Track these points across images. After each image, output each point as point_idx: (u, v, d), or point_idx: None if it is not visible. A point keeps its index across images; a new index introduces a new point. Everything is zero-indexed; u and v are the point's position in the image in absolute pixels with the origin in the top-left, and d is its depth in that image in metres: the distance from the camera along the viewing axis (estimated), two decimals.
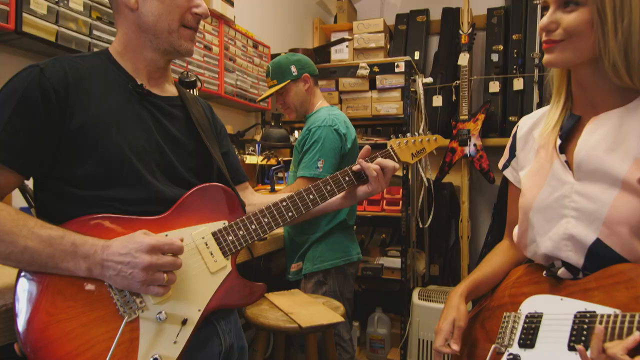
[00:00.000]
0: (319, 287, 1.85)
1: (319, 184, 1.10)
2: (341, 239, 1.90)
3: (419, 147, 1.24)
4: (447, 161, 3.36)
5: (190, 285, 0.94)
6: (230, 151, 1.27)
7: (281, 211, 1.05)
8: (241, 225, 1.01)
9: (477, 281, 1.11)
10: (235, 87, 2.50)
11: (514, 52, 3.32)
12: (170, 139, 1.06)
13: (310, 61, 2.00)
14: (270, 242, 1.85)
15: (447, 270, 3.50)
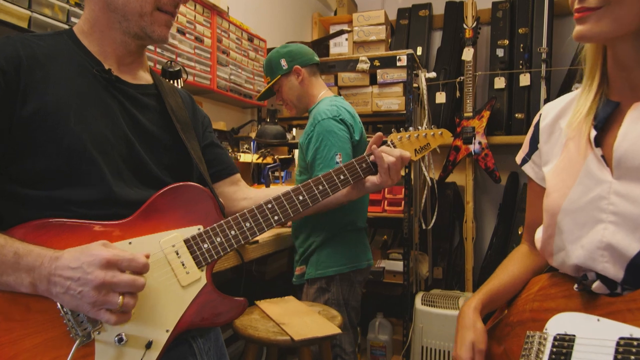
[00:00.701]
0: (321, 294, 1.69)
1: (331, 174, 0.99)
2: (348, 243, 1.72)
3: (422, 143, 1.10)
4: (451, 160, 3.21)
5: (157, 301, 0.79)
6: (215, 142, 1.12)
7: (265, 215, 0.90)
8: (219, 231, 0.86)
9: (493, 292, 0.96)
10: (229, 81, 2.35)
11: (520, 46, 3.16)
12: (141, 131, 0.91)
13: (303, 50, 1.80)
14: (263, 245, 1.71)
15: (450, 273, 3.35)
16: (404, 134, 1.08)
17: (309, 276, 1.71)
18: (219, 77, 2.28)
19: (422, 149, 1.10)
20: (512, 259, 1.03)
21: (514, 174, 3.37)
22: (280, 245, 1.86)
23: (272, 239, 1.78)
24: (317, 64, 1.83)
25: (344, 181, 0.99)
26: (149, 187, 0.88)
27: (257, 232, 0.89)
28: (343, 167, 1.00)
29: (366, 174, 1.04)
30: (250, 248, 1.60)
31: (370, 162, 1.03)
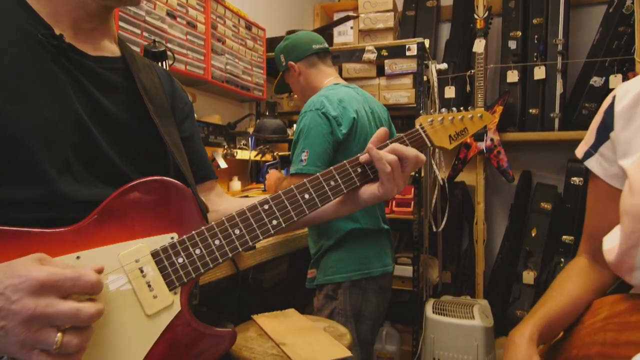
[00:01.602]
0: (328, 301, 1.53)
1: (319, 179, 0.75)
2: (362, 245, 1.55)
3: (459, 127, 0.89)
4: (461, 158, 2.99)
5: (113, 336, 0.58)
6: (194, 137, 0.91)
7: (261, 219, 0.70)
8: (199, 240, 0.65)
9: (551, 318, 0.75)
10: (225, 72, 2.14)
11: (534, 37, 2.95)
12: (100, 114, 0.71)
13: (298, 43, 1.69)
14: (261, 251, 1.50)
15: (460, 277, 3.14)
16: (436, 117, 0.88)
17: (318, 281, 1.56)
18: (214, 67, 2.07)
19: (458, 136, 0.89)
20: (569, 275, 0.82)
21: (527, 172, 3.16)
22: (280, 250, 1.65)
23: (272, 243, 1.57)
24: (318, 52, 1.68)
25: (335, 189, 0.76)
26: (109, 185, 0.67)
27: (250, 242, 0.68)
28: (333, 171, 0.76)
29: (363, 181, 0.79)
30: (246, 255, 1.40)
31: (365, 166, 0.79)
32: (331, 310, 1.53)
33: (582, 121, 2.84)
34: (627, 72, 2.71)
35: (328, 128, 1.46)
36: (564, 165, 2.97)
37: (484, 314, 2.23)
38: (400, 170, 0.79)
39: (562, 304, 0.76)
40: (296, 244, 1.79)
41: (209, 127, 1.90)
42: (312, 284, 1.61)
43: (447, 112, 0.90)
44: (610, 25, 2.82)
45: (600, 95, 2.79)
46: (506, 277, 3.02)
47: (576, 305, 0.76)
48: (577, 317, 0.76)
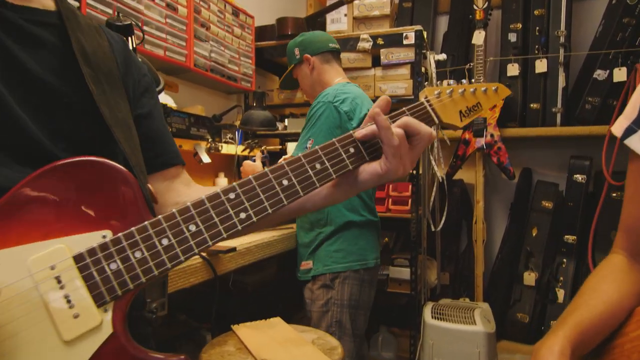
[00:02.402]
0: (324, 291, 1.53)
1: (300, 160, 0.59)
2: (361, 237, 1.58)
3: (470, 102, 0.73)
4: (460, 154, 2.84)
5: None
6: (154, 114, 0.75)
7: (225, 210, 0.53)
8: (140, 239, 0.49)
9: (585, 328, 0.60)
10: (209, 60, 1.98)
11: (535, 29, 2.81)
12: (21, 78, 0.55)
13: (316, 38, 1.71)
14: (243, 254, 1.34)
15: (458, 278, 2.99)
16: (444, 89, 0.72)
17: (316, 272, 1.54)
18: (197, 54, 1.90)
19: (471, 112, 0.73)
20: (603, 277, 0.67)
21: (527, 170, 3.02)
22: (266, 251, 1.49)
23: (256, 244, 1.41)
24: (333, 50, 1.72)
25: (321, 174, 0.60)
26: (25, 166, 0.51)
27: (209, 241, 0.52)
28: (319, 151, 0.61)
29: (357, 164, 0.63)
30: (225, 258, 1.23)
31: (360, 146, 0.63)
32: (326, 301, 1.52)
33: (585, 116, 2.70)
34: (632, 65, 2.57)
35: (337, 121, 1.50)
36: (566, 162, 2.83)
37: (486, 318, 2.08)
38: (408, 147, 0.63)
39: (597, 312, 0.61)
40: (285, 244, 1.63)
41: (191, 118, 1.73)
42: (307, 275, 1.57)
43: (457, 84, 0.75)
44: (614, 17, 2.68)
45: (604, 89, 2.65)
46: (506, 279, 2.87)
47: (614, 312, 0.61)
48: (616, 327, 0.61)
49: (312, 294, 1.56)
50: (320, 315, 1.53)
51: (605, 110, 2.65)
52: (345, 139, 0.63)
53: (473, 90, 0.74)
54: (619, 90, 2.57)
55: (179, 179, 0.78)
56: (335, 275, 1.53)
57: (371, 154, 0.63)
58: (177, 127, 1.67)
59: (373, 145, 0.63)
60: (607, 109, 2.64)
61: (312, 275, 1.56)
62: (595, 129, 2.63)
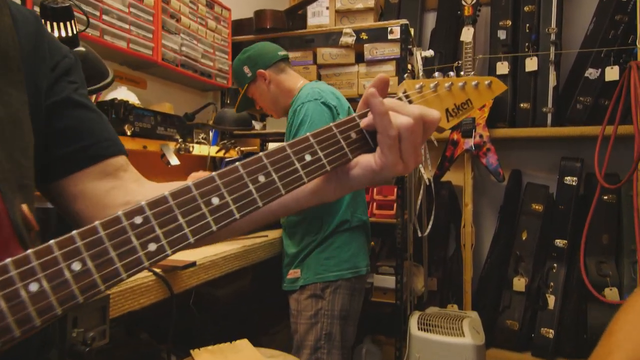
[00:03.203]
0: (313, 302, 1.43)
1: (285, 151, 0.47)
2: (353, 242, 1.48)
3: (459, 98, 0.60)
4: (448, 156, 2.72)
5: None
6: (75, 100, 0.59)
7: (127, 242, 0.39)
8: (20, 278, 0.34)
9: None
10: (180, 54, 1.82)
11: (525, 26, 2.70)
12: None
13: (263, 51, 1.59)
14: (207, 267, 1.19)
15: (446, 284, 2.87)
16: (427, 82, 0.58)
17: (306, 281, 1.42)
18: (166, 48, 1.75)
19: (459, 110, 0.60)
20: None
21: (517, 171, 2.90)
22: (235, 264, 1.34)
23: (223, 256, 1.26)
24: (284, 58, 1.61)
25: (312, 166, 0.47)
26: None
27: (101, 285, 0.37)
28: (311, 139, 0.48)
29: (357, 152, 0.51)
30: (185, 273, 1.08)
31: (365, 131, 0.51)
32: (316, 312, 1.41)
33: (576, 116, 2.60)
34: (624, 63, 2.47)
35: (331, 118, 1.43)
36: (556, 163, 2.72)
37: (475, 329, 1.96)
38: (410, 140, 0.50)
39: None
40: (259, 254, 1.48)
41: (157, 116, 1.58)
42: (294, 285, 1.46)
43: (443, 77, 0.62)
44: (605, 14, 2.58)
45: (596, 88, 2.55)
46: (495, 284, 2.76)
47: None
48: None
49: (298, 304, 1.45)
50: (308, 327, 1.41)
51: (597, 110, 2.55)
52: (346, 123, 0.51)
53: (462, 85, 0.60)
54: (611, 89, 2.46)
55: (126, 174, 0.62)
56: (326, 285, 1.42)
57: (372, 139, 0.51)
58: (141, 127, 1.52)
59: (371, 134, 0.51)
60: (599, 109, 2.54)
61: (300, 284, 1.45)
62: (586, 129, 2.53)
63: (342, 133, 0.50)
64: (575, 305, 2.55)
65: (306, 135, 0.48)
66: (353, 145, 0.50)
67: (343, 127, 0.50)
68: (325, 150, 0.48)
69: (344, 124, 0.51)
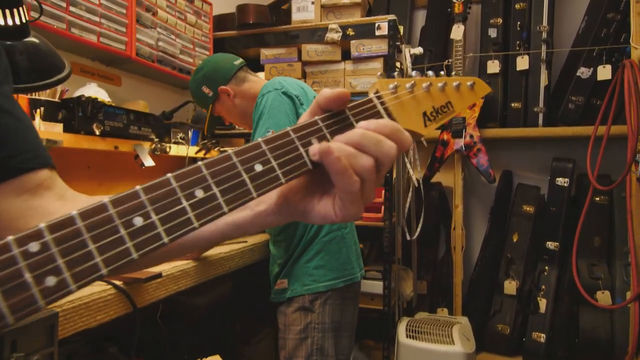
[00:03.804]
0: (302, 315, 1.31)
1: (229, 160, 0.38)
2: (344, 248, 1.37)
3: (438, 101, 0.51)
4: (438, 156, 2.65)
5: None
6: None
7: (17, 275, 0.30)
8: None
9: None
10: (157, 49, 1.73)
11: (517, 24, 2.63)
12: None
13: (217, 65, 1.47)
14: (177, 278, 1.10)
15: (436, 287, 2.80)
16: (403, 82, 0.50)
17: (293, 293, 1.33)
18: (141, 42, 1.65)
19: (438, 114, 0.51)
20: None
21: (508, 172, 2.84)
22: (211, 272, 1.25)
23: (194, 264, 1.17)
24: (242, 66, 1.50)
25: (263, 178, 0.39)
26: None
27: (9, 318, 0.29)
28: (262, 145, 0.39)
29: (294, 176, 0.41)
30: (150, 286, 0.99)
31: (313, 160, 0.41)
32: (305, 325, 1.31)
33: (568, 116, 2.54)
34: (617, 62, 2.42)
35: (292, 107, 1.33)
36: (547, 164, 2.66)
37: (465, 336, 1.89)
38: (374, 179, 0.42)
39: None
40: (236, 262, 1.39)
41: (130, 115, 1.48)
42: (282, 296, 1.35)
43: (420, 76, 0.54)
44: (598, 12, 2.52)
45: (588, 87, 2.49)
46: (486, 287, 2.70)
47: None
48: None
49: (286, 318, 1.34)
50: (298, 343, 1.30)
51: (589, 110, 2.49)
52: (307, 128, 0.42)
53: (442, 86, 0.52)
54: (603, 89, 2.41)
55: (49, 191, 0.53)
56: (315, 296, 1.31)
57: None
58: (112, 126, 1.42)
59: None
60: (591, 109, 2.48)
61: (287, 296, 1.34)
62: (578, 129, 2.47)
63: (302, 139, 0.41)
64: (566, 309, 2.50)
65: (257, 142, 0.40)
66: (288, 172, 0.41)
67: (303, 131, 0.42)
68: (280, 158, 0.40)
69: (304, 129, 0.42)
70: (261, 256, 1.53)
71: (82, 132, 1.33)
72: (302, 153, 0.41)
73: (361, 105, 0.47)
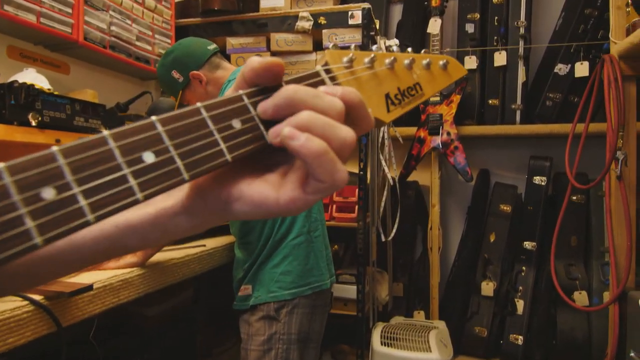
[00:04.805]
0: (267, 324, 1.21)
1: (105, 143, 0.25)
2: (312, 252, 1.26)
3: (405, 81, 0.40)
4: (414, 154, 2.56)
5: None
6: None
7: None
8: None
9: None
10: (109, 34, 1.57)
11: (494, 19, 2.56)
12: None
13: (190, 50, 1.37)
14: (117, 289, 0.95)
15: (412, 289, 2.70)
16: (360, 55, 0.38)
17: (257, 300, 1.22)
18: (90, 26, 1.49)
19: (404, 97, 0.40)
20: None
21: (485, 171, 2.77)
22: (160, 281, 1.11)
23: (138, 273, 1.02)
24: (216, 52, 1.41)
25: (155, 173, 0.25)
26: None
27: None
28: (158, 126, 0.26)
29: (240, 150, 0.28)
30: (81, 300, 0.84)
31: (258, 119, 0.30)
32: (269, 336, 1.20)
33: (545, 113, 2.48)
34: (594, 59, 2.37)
35: None
36: (525, 162, 2.60)
37: (442, 342, 1.79)
38: None
39: None
40: (192, 268, 1.25)
41: (75, 104, 1.32)
42: (245, 303, 1.24)
43: (383, 52, 0.42)
44: (575, 8, 2.47)
45: (566, 84, 2.44)
46: (463, 289, 2.62)
47: None
48: None
49: (249, 327, 1.23)
50: (260, 355, 1.19)
51: (566, 107, 2.44)
52: (225, 105, 0.30)
53: (409, 63, 0.40)
54: (580, 86, 2.36)
55: None
56: (281, 305, 1.21)
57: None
58: (53, 116, 1.26)
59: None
60: (569, 106, 2.43)
61: (251, 304, 1.24)
62: (556, 127, 2.41)
63: (218, 120, 0.29)
64: (544, 310, 2.44)
65: (150, 121, 0.27)
66: (234, 140, 0.29)
67: (219, 109, 0.29)
68: (183, 146, 0.27)
69: (221, 106, 0.29)
70: (223, 261, 1.39)
71: (15, 122, 1.17)
72: (218, 140, 0.28)
73: (304, 79, 0.35)
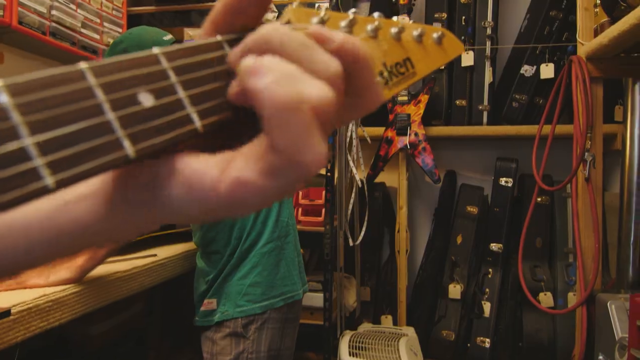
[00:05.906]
0: (234, 342, 1.10)
1: None
2: (283, 260, 1.17)
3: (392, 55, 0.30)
4: (382, 155, 2.49)
5: None
6: None
7: None
8: None
9: None
10: (48, 19, 1.40)
11: (462, 19, 2.54)
12: None
13: (143, 38, 1.19)
14: (44, 312, 0.81)
15: (380, 293, 2.64)
16: (336, 17, 0.29)
17: (223, 316, 1.11)
18: (26, 9, 1.32)
19: (392, 76, 0.31)
20: None
21: (451, 172, 2.75)
22: (107, 296, 0.97)
23: (74, 290, 0.89)
24: (171, 44, 1.21)
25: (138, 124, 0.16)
26: None
27: None
28: (88, 77, 0.16)
29: (212, 117, 0.18)
30: (8, 322, 0.70)
31: None
32: (236, 355, 1.09)
33: (512, 115, 2.47)
34: (559, 61, 2.38)
35: None
36: (491, 164, 2.59)
37: (412, 350, 1.72)
38: None
39: None
40: (140, 281, 1.12)
41: None
42: (210, 319, 1.13)
43: (364, 16, 0.32)
44: (540, 10, 2.48)
45: (532, 85, 2.44)
46: (431, 292, 2.58)
47: None
48: None
49: (213, 345, 1.11)
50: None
51: (532, 108, 2.44)
52: (195, 52, 0.20)
53: (396, 32, 0.31)
54: (545, 87, 2.37)
55: None
56: (250, 320, 1.11)
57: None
58: None
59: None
60: (534, 108, 2.43)
61: (216, 320, 1.12)
62: (522, 128, 2.41)
63: (182, 72, 0.18)
64: (510, 312, 2.43)
65: (78, 69, 0.16)
66: (206, 104, 0.19)
67: (185, 59, 0.19)
68: (120, 108, 0.16)
69: (190, 54, 0.19)
70: (178, 271, 1.26)
71: None
72: (182, 99, 0.18)
73: None
